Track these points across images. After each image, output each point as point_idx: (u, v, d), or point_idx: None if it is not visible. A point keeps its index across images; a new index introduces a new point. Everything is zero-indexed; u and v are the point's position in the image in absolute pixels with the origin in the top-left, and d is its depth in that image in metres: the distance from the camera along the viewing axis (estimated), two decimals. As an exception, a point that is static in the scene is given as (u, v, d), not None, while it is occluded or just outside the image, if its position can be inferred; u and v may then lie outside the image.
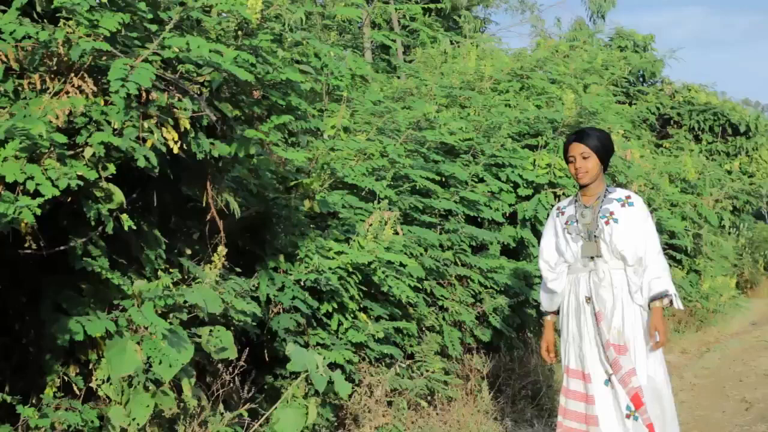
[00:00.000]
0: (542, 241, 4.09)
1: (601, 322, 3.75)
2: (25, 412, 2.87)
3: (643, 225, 3.78)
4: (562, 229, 3.92)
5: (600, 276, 3.78)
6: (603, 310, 3.76)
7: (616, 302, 3.75)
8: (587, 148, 3.77)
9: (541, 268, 4.07)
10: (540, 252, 4.08)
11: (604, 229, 3.75)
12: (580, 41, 11.57)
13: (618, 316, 3.74)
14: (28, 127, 2.57)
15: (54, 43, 2.75)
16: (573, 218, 3.88)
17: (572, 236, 3.86)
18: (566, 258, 3.91)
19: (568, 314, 3.92)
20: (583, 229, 3.82)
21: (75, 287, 3.22)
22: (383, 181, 5.39)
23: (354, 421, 4.53)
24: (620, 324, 3.73)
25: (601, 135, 3.86)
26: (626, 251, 3.73)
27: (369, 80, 7.32)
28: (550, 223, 4.07)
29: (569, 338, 3.90)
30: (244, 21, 3.28)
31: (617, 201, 3.81)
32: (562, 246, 3.93)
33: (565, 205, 4.00)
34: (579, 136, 3.84)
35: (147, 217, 3.48)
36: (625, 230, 3.73)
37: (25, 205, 2.49)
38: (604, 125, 7.17)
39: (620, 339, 3.72)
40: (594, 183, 3.82)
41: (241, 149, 3.40)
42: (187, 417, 3.35)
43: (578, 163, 3.79)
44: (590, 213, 3.83)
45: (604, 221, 3.77)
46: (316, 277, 4.27)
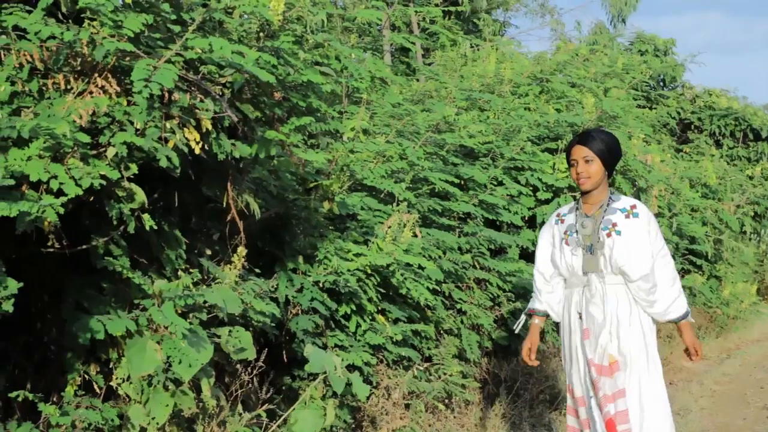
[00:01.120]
0: (538, 249, 3.80)
1: (586, 340, 3.51)
2: (46, 409, 2.89)
3: (647, 238, 3.49)
4: (560, 239, 3.64)
5: (592, 291, 3.52)
6: (591, 328, 3.51)
7: (606, 320, 3.47)
8: (590, 152, 3.48)
9: (535, 280, 3.81)
10: (535, 262, 3.80)
11: (605, 242, 3.47)
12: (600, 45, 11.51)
13: (606, 334, 3.46)
14: (52, 126, 2.59)
15: (78, 44, 2.77)
16: (573, 228, 3.59)
17: (571, 248, 3.57)
18: (560, 271, 3.65)
19: (563, 331, 3.70)
20: (583, 240, 3.53)
21: (96, 286, 3.24)
22: (402, 183, 5.39)
23: (371, 423, 4.53)
24: (607, 343, 3.45)
25: (606, 138, 3.56)
26: (627, 267, 3.45)
27: (388, 83, 7.32)
28: (548, 231, 3.77)
29: (567, 357, 3.68)
30: (266, 22, 3.29)
31: (621, 211, 3.52)
32: (557, 257, 3.66)
33: (566, 213, 3.71)
34: (582, 139, 3.56)
35: (168, 217, 3.49)
36: (627, 244, 3.45)
37: (48, 204, 2.50)
38: (625, 129, 7.13)
39: (604, 359, 3.46)
40: (597, 190, 3.53)
41: (261, 150, 3.41)
42: (206, 417, 3.35)
43: (580, 167, 3.50)
44: (591, 223, 3.53)
45: (606, 233, 3.48)
46: (335, 278, 4.27)
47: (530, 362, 3.79)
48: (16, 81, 2.79)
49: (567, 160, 3.61)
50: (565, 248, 3.59)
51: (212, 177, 3.57)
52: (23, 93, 2.82)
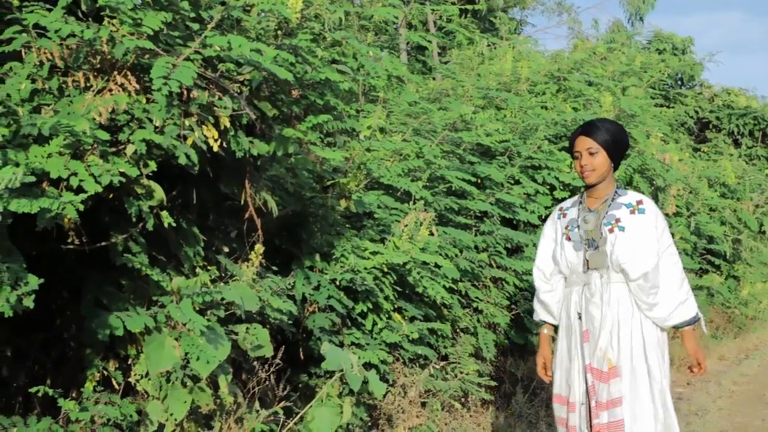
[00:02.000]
0: (539, 245, 3.60)
1: (587, 343, 3.30)
2: (66, 405, 2.90)
3: (652, 235, 3.28)
4: (562, 235, 3.44)
5: (592, 290, 3.30)
6: (591, 329, 3.29)
7: (604, 321, 3.26)
8: (594, 143, 3.26)
9: (534, 277, 3.59)
10: (536, 258, 3.61)
11: (607, 238, 3.27)
12: (618, 43, 11.46)
13: (605, 337, 3.25)
14: (72, 124, 2.61)
15: (98, 42, 2.78)
16: (574, 223, 3.39)
17: (572, 244, 3.37)
18: (561, 268, 3.44)
19: (561, 332, 3.48)
20: (585, 236, 3.34)
21: (115, 283, 3.26)
22: (419, 181, 5.39)
23: (388, 422, 4.53)
24: (606, 346, 3.24)
25: (612, 128, 3.33)
26: (628, 265, 3.24)
27: (405, 81, 7.32)
28: (550, 226, 3.57)
29: (558, 359, 3.45)
30: (284, 20, 3.30)
31: (626, 206, 3.31)
32: (557, 254, 3.45)
33: (568, 207, 3.50)
34: (586, 129, 3.33)
35: (186, 214, 3.50)
36: (630, 241, 3.25)
37: (68, 201, 2.52)
38: (643, 128, 7.09)
39: (603, 364, 3.24)
40: (602, 183, 3.32)
41: (279, 148, 3.42)
42: (224, 413, 3.37)
43: (584, 159, 3.29)
44: (594, 218, 3.33)
45: (608, 229, 3.28)
46: (352, 276, 4.27)
47: (546, 378, 3.56)
48: (37, 79, 2.81)
49: (570, 151, 3.40)
50: (566, 244, 3.39)
51: (230, 174, 3.58)
52: (43, 91, 2.84)
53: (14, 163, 2.47)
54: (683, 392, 6.61)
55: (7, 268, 2.40)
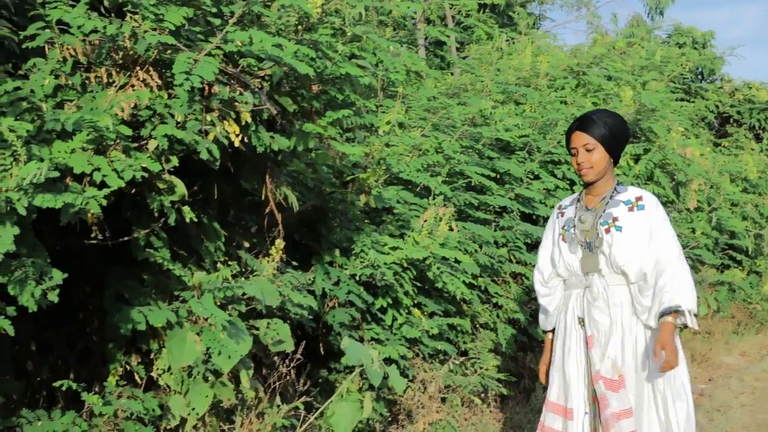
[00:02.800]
0: (540, 247, 3.43)
1: (593, 350, 3.09)
2: (89, 399, 2.93)
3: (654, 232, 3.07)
4: (558, 235, 3.25)
5: (594, 294, 3.11)
6: (596, 335, 3.09)
7: (613, 326, 3.07)
8: (591, 138, 3.07)
9: (534, 281, 3.43)
10: (537, 260, 3.44)
11: (604, 239, 3.07)
12: (638, 38, 11.37)
13: (615, 343, 3.05)
14: (95, 119, 2.62)
15: (120, 37, 2.79)
16: (571, 222, 3.20)
17: (568, 245, 3.19)
18: (558, 271, 3.25)
19: (557, 336, 3.28)
20: (581, 236, 3.14)
21: (137, 278, 3.28)
22: (438, 177, 5.38)
23: (407, 417, 4.53)
24: (618, 353, 3.05)
25: (610, 121, 3.12)
26: (627, 266, 3.05)
27: (423, 76, 7.30)
28: (549, 226, 3.39)
29: (556, 364, 3.25)
30: (304, 15, 3.29)
31: (625, 204, 3.10)
32: (555, 256, 3.26)
33: (567, 205, 3.31)
34: (582, 124, 3.13)
35: (207, 209, 3.52)
36: (629, 241, 3.05)
37: (92, 196, 2.53)
38: (664, 123, 7.04)
39: (615, 372, 3.04)
40: (601, 180, 3.13)
41: (300, 143, 3.42)
42: (245, 408, 3.38)
43: (581, 156, 3.09)
44: (591, 217, 3.13)
45: (605, 228, 3.09)
46: (372, 271, 4.27)
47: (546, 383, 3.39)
48: (60, 74, 2.82)
49: (567, 147, 3.21)
50: (562, 245, 3.21)
51: (250, 170, 3.59)
52: (66, 86, 2.85)
53: (38, 158, 2.49)
54: (705, 388, 6.56)
55: (31, 262, 2.42)
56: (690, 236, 7.55)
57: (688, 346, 7.33)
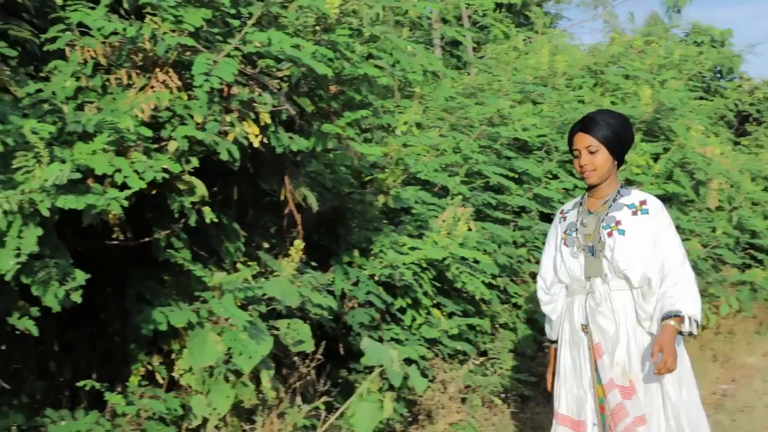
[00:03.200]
0: (543, 254, 3.34)
1: (602, 358, 2.99)
2: (112, 399, 2.95)
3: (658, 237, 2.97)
4: (560, 240, 3.15)
5: (597, 300, 3.01)
6: (603, 342, 2.99)
7: (620, 332, 2.97)
8: (594, 140, 2.97)
9: (537, 288, 3.33)
10: (540, 267, 3.34)
11: (606, 242, 2.97)
12: (655, 36, 11.30)
13: (622, 349, 2.96)
14: (116, 121, 2.64)
15: (140, 39, 2.81)
16: (573, 227, 3.10)
17: (570, 250, 3.09)
18: (560, 277, 3.15)
19: (561, 345, 3.17)
20: (583, 241, 3.04)
21: (157, 279, 3.30)
22: (456, 176, 5.37)
23: (428, 417, 4.52)
24: (626, 359, 2.96)
25: (614, 122, 3.02)
26: (630, 271, 2.95)
27: (440, 76, 7.30)
28: (552, 231, 3.29)
29: (561, 375, 3.14)
30: (322, 16, 3.30)
31: (628, 207, 3.00)
32: (557, 261, 3.17)
33: (569, 209, 3.21)
34: (584, 125, 3.03)
35: (226, 210, 3.53)
36: (632, 245, 2.95)
37: (113, 197, 2.55)
38: (683, 121, 6.99)
39: (625, 379, 2.95)
40: (605, 183, 3.03)
41: (318, 144, 3.43)
42: (266, 408, 3.38)
43: (583, 158, 2.99)
44: (593, 221, 3.03)
45: (607, 232, 2.98)
46: (391, 272, 4.27)
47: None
48: (81, 76, 2.84)
49: (569, 149, 3.11)
50: (564, 250, 3.11)
51: (269, 170, 3.60)
52: (87, 88, 2.87)
53: (60, 159, 2.51)
54: (728, 389, 6.50)
55: (55, 263, 2.44)
56: (711, 236, 7.49)
57: (710, 346, 7.27)
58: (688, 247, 7.06)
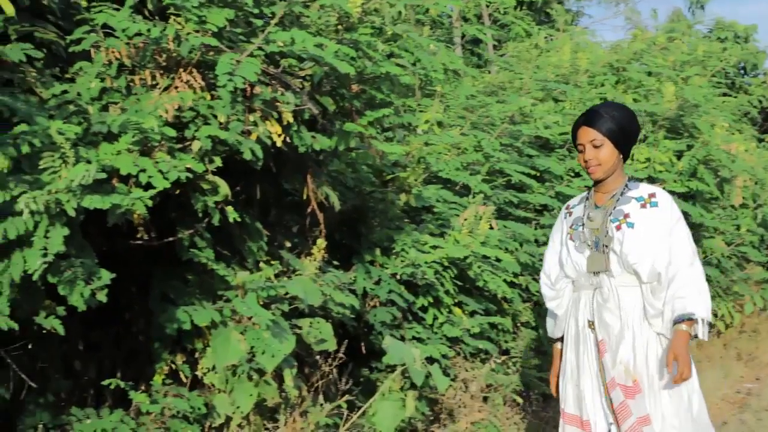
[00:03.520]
0: (547, 250, 3.26)
1: (605, 355, 2.91)
2: (137, 397, 2.97)
3: (668, 231, 2.88)
4: (566, 235, 3.07)
5: (604, 296, 2.93)
6: (607, 339, 2.91)
7: (624, 329, 2.89)
8: (598, 134, 2.88)
9: (540, 284, 3.24)
10: (544, 263, 3.25)
11: (615, 236, 2.89)
12: (678, 32, 11.20)
13: (627, 346, 2.88)
14: (140, 121, 2.65)
15: (164, 39, 2.82)
16: (579, 221, 3.02)
17: (576, 244, 3.01)
18: (567, 272, 3.07)
19: (567, 343, 3.09)
20: (590, 235, 2.96)
21: (181, 278, 3.31)
22: (478, 175, 5.36)
23: (449, 416, 4.51)
24: (629, 357, 2.87)
25: (618, 114, 2.93)
26: (640, 265, 2.86)
27: (461, 75, 7.28)
28: (557, 226, 3.20)
29: (567, 373, 3.06)
30: (345, 15, 3.30)
31: (637, 200, 2.91)
32: (563, 256, 3.09)
33: (575, 204, 3.13)
34: (588, 118, 2.93)
35: (248, 210, 3.54)
36: (641, 238, 2.85)
37: (138, 197, 2.56)
38: (707, 119, 6.92)
39: (628, 378, 2.86)
40: (611, 177, 2.94)
41: (341, 143, 3.43)
42: (288, 407, 3.39)
43: (588, 153, 2.91)
44: (600, 215, 2.95)
45: (615, 226, 2.89)
46: (412, 270, 4.27)
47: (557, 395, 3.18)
48: (105, 77, 2.86)
49: (573, 143, 3.02)
50: (570, 244, 3.03)
51: (292, 170, 3.61)
52: (111, 89, 2.89)
53: (86, 160, 2.53)
54: (752, 387, 6.44)
55: (80, 263, 2.46)
56: (735, 233, 7.41)
57: (734, 345, 7.21)
58: (712, 245, 7.01)
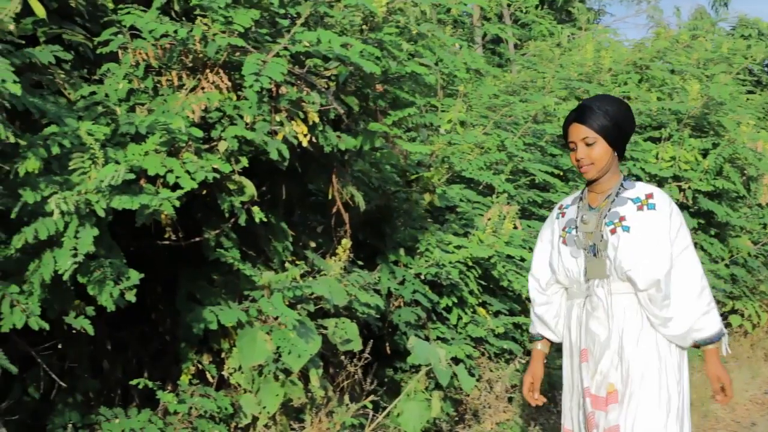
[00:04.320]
0: (534, 250, 3.01)
1: (584, 363, 2.72)
2: (165, 397, 2.98)
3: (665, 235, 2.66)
4: (558, 237, 2.84)
5: (594, 303, 2.71)
6: (591, 348, 2.71)
7: (611, 340, 2.68)
8: (591, 131, 2.65)
9: (529, 287, 3.00)
10: (531, 265, 3.01)
11: (609, 241, 2.68)
12: (702, 30, 11.10)
13: (608, 359, 2.67)
14: (168, 122, 2.66)
15: (191, 40, 2.83)
16: (572, 224, 2.80)
17: (569, 248, 2.78)
18: (558, 278, 2.84)
19: (564, 353, 2.89)
20: (584, 239, 2.74)
21: (207, 278, 3.32)
22: (501, 174, 5.33)
23: (474, 417, 4.50)
24: (608, 369, 2.67)
25: (612, 109, 2.68)
26: (635, 272, 2.63)
27: (483, 74, 7.26)
28: (547, 227, 2.96)
29: (564, 386, 2.89)
30: (370, 14, 3.30)
31: (633, 201, 2.70)
32: (554, 261, 2.85)
33: (568, 204, 2.89)
34: (579, 115, 2.70)
35: (274, 210, 3.55)
36: (637, 243, 2.64)
37: (166, 197, 2.57)
38: (733, 117, 6.85)
39: (601, 389, 2.68)
40: (605, 176, 2.73)
41: (366, 142, 3.43)
42: (314, 407, 3.39)
43: (580, 151, 2.68)
44: (594, 217, 2.74)
45: (610, 229, 2.68)
46: (437, 270, 4.26)
47: (532, 401, 2.99)
48: (133, 79, 2.88)
49: (564, 141, 2.81)
50: (563, 249, 2.80)
51: (317, 170, 3.61)
52: (139, 90, 2.91)
53: (114, 161, 2.54)
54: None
55: (109, 263, 2.47)
56: (762, 232, 7.33)
57: (761, 345, 7.12)
58: (739, 245, 6.93)
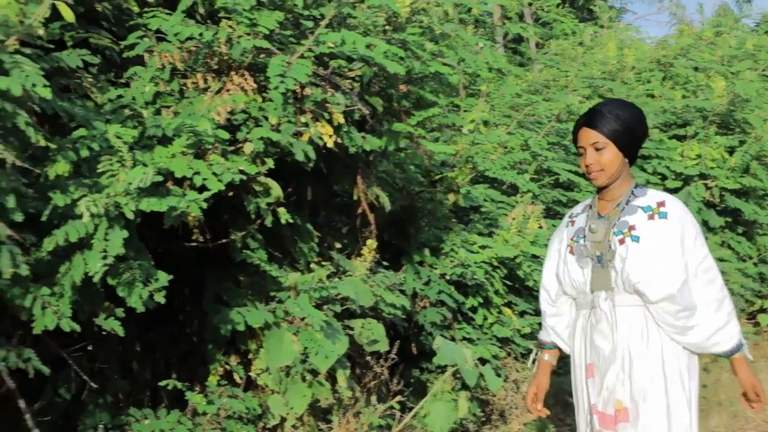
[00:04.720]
0: (545, 261, 2.89)
1: (589, 379, 2.63)
2: (193, 398, 2.99)
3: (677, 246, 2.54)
4: (566, 247, 2.72)
5: (597, 316, 2.61)
6: (597, 363, 2.60)
7: (616, 354, 2.57)
8: (601, 136, 2.55)
9: (540, 299, 2.92)
10: (542, 276, 2.90)
11: (617, 251, 2.56)
12: (725, 27, 10.99)
13: (613, 374, 2.56)
14: (194, 124, 2.67)
15: (216, 43, 2.84)
16: (581, 232, 2.68)
17: (576, 258, 2.66)
18: (565, 288, 2.73)
19: (572, 365, 2.78)
20: (592, 249, 2.62)
21: (234, 279, 3.33)
22: (525, 174, 5.31)
23: (500, 417, 4.48)
24: (614, 385, 2.57)
25: (624, 114, 2.58)
26: (645, 284, 2.51)
27: (505, 73, 7.24)
28: (556, 237, 2.83)
29: (574, 401, 2.80)
30: (393, 15, 3.29)
31: (644, 210, 2.58)
32: (560, 271, 2.74)
33: (578, 212, 2.77)
34: (589, 119, 2.60)
35: (299, 211, 3.55)
36: (647, 254, 2.52)
37: (193, 199, 2.58)
38: (760, 114, 6.78)
39: (608, 406, 2.58)
40: (615, 183, 2.61)
41: (390, 143, 3.43)
42: (341, 408, 3.39)
43: (589, 157, 2.57)
44: (603, 226, 2.62)
45: (619, 239, 2.56)
46: (462, 271, 4.25)
47: (535, 412, 2.88)
48: (159, 82, 2.89)
49: (575, 146, 2.69)
50: (570, 258, 2.69)
51: (342, 171, 3.61)
52: (165, 93, 2.92)
53: (142, 163, 2.55)
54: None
55: (138, 265, 2.48)
56: (789, 231, 7.24)
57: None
58: (766, 243, 6.85)
